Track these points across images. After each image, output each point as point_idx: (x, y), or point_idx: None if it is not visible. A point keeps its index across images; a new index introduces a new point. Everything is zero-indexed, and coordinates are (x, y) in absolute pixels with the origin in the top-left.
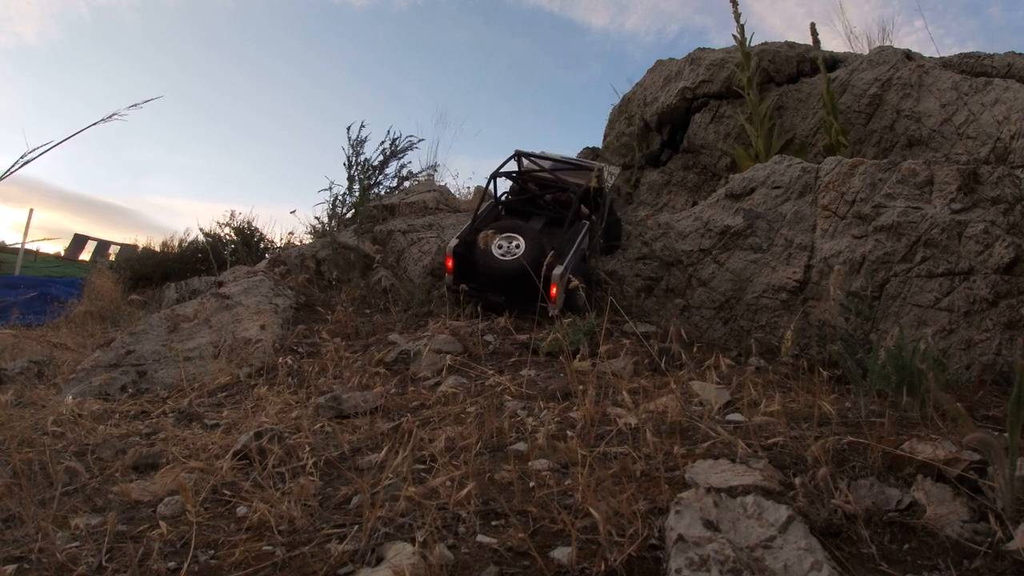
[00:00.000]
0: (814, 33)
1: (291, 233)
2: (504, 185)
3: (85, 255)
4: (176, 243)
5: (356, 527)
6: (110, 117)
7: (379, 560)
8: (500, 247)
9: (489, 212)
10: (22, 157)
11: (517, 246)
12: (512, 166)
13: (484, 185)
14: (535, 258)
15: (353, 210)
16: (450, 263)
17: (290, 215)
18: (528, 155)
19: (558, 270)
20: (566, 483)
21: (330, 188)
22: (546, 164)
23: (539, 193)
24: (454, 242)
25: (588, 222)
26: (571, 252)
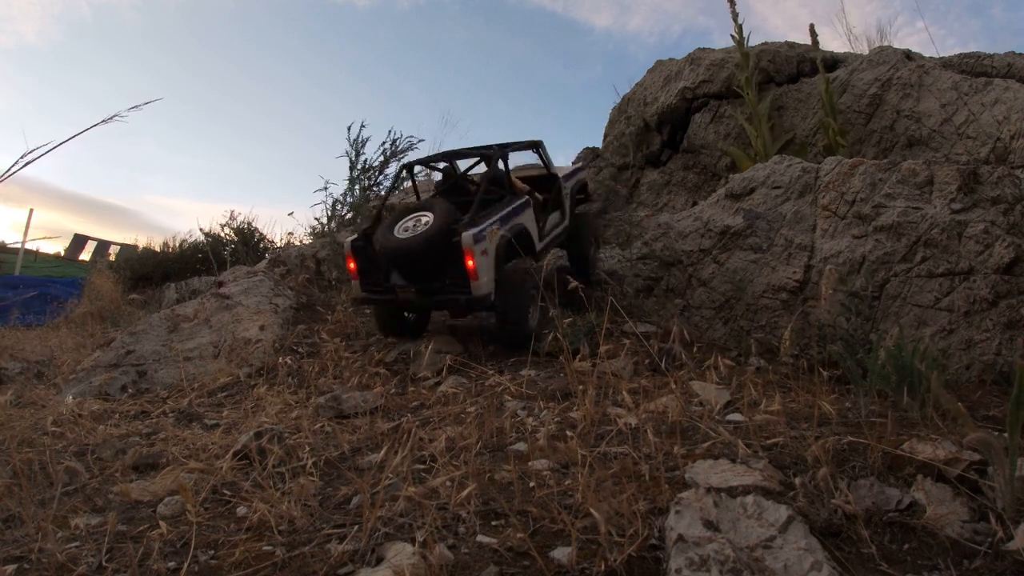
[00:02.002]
0: (813, 34)
1: (291, 233)
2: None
3: (85, 255)
4: (176, 243)
5: (356, 527)
6: (111, 119)
7: (379, 560)
8: (405, 228)
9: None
10: (22, 157)
11: (425, 223)
12: (431, 156)
13: (394, 176)
14: (443, 228)
15: (353, 210)
16: (352, 264)
17: (289, 216)
18: (420, 162)
19: (469, 233)
20: (566, 483)
21: (326, 187)
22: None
23: (463, 176)
24: (351, 237)
25: (529, 198)
26: (495, 219)
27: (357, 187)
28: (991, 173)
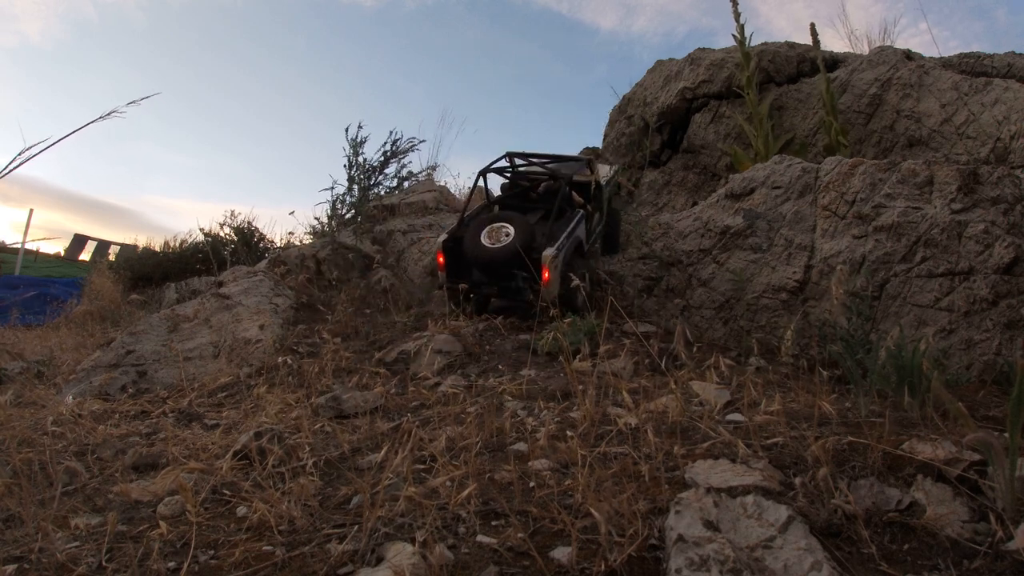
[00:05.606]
0: (814, 34)
1: (291, 233)
2: (497, 185)
3: (85, 255)
4: (176, 243)
5: (356, 527)
6: (109, 114)
7: (379, 560)
8: (490, 238)
9: (481, 210)
10: (20, 154)
11: (507, 234)
12: (503, 165)
13: (473, 182)
14: (524, 243)
15: (353, 210)
16: (441, 258)
17: (289, 216)
18: (519, 155)
19: (549, 251)
20: (566, 483)
21: (332, 187)
22: (536, 161)
23: (530, 187)
24: (443, 237)
25: (583, 211)
26: (563, 236)
27: (356, 187)
28: (991, 173)
